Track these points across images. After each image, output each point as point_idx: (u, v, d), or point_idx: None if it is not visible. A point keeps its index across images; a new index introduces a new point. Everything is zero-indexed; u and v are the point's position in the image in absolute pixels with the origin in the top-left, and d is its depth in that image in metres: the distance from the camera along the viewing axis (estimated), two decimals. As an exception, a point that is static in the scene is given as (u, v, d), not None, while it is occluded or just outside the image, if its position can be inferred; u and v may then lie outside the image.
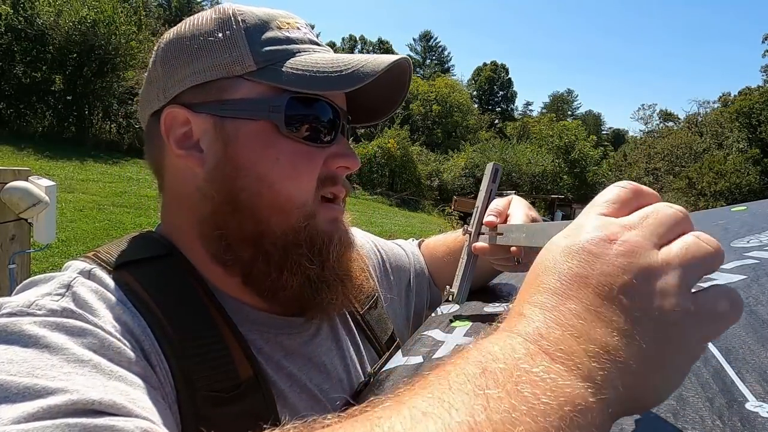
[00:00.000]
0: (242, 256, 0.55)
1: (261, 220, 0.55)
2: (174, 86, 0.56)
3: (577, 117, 56.37)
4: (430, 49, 57.47)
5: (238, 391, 0.50)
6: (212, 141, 0.55)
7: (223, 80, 0.54)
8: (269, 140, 0.54)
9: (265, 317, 0.59)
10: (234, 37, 0.54)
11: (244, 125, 0.54)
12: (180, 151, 0.55)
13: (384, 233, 11.36)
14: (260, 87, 0.54)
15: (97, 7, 16.23)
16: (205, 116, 0.55)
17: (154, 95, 0.58)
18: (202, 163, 0.55)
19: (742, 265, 0.68)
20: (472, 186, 27.39)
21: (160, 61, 0.57)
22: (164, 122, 0.56)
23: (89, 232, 7.18)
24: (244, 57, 0.54)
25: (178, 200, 0.59)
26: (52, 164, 11.80)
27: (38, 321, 0.41)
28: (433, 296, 0.90)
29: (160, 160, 0.60)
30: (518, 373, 0.29)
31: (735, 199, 24.90)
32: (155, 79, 0.58)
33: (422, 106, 35.38)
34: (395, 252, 0.89)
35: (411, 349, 0.67)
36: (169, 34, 0.59)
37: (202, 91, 0.55)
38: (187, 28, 0.57)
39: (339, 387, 0.62)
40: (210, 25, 0.56)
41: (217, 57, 0.54)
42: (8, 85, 15.81)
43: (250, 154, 0.54)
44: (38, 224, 2.67)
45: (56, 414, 0.33)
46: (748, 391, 0.40)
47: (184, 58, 0.55)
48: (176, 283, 0.54)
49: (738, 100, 31.79)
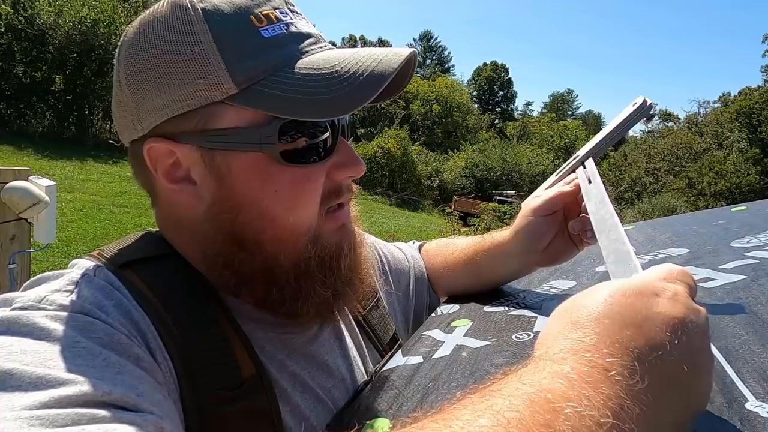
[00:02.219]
0: (255, 290, 0.55)
1: (268, 256, 0.53)
2: (148, 116, 0.50)
3: (577, 117, 56.41)
4: (430, 49, 57.46)
5: (241, 389, 0.50)
6: (204, 174, 0.51)
7: (203, 108, 0.48)
8: (265, 172, 0.50)
9: (269, 317, 0.59)
10: (205, 53, 0.46)
11: (234, 158, 0.49)
12: (173, 186, 0.52)
13: (384, 233, 11.35)
14: (247, 113, 0.48)
15: (97, 7, 16.23)
16: (191, 147, 0.50)
17: (128, 122, 0.52)
18: (198, 198, 0.52)
19: (742, 265, 0.68)
20: (472, 186, 27.42)
21: (127, 83, 0.51)
22: (148, 157, 0.51)
23: (89, 231, 7.18)
24: (221, 79, 0.46)
25: (177, 225, 0.57)
26: (52, 164, 11.80)
27: (50, 315, 0.42)
28: (432, 299, 0.91)
29: (151, 186, 0.57)
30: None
31: (735, 199, 24.87)
32: (124, 103, 0.52)
33: (422, 106, 35.36)
34: (395, 255, 0.89)
35: (411, 349, 0.67)
36: (129, 42, 0.51)
37: (181, 120, 0.49)
38: (146, 41, 0.49)
39: (342, 386, 0.62)
40: (171, 35, 0.47)
41: (190, 83, 0.47)
42: (8, 85, 15.80)
43: (246, 190, 0.50)
44: (38, 224, 2.67)
45: (67, 404, 0.34)
46: (748, 391, 0.40)
47: (152, 83, 0.48)
48: (180, 282, 0.54)
49: (738, 100, 31.77)
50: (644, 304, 0.35)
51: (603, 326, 0.34)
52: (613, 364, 0.31)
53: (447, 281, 0.90)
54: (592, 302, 0.36)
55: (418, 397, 0.53)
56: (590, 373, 0.31)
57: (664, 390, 0.32)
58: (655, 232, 0.98)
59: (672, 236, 0.93)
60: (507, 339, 0.62)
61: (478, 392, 0.32)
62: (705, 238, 0.88)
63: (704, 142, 31.06)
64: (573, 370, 0.31)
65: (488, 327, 0.69)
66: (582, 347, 0.33)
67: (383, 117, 31.22)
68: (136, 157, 0.54)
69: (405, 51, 0.50)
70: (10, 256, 2.58)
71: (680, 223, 1.06)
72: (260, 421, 0.50)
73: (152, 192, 0.58)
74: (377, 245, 0.87)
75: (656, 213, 20.97)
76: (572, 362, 0.32)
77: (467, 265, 0.85)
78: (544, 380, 0.31)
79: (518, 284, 0.87)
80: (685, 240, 0.88)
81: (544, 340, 0.37)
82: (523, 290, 0.83)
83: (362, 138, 28.43)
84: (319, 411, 0.57)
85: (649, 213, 21.62)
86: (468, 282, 0.87)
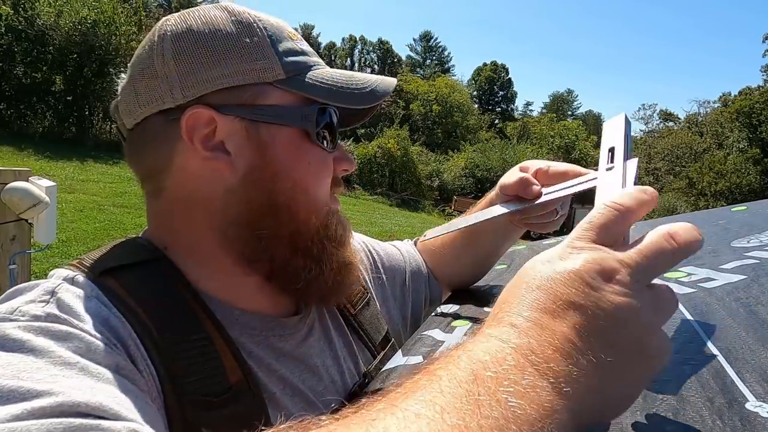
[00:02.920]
0: (278, 254, 0.57)
1: (298, 220, 0.57)
2: (196, 86, 0.53)
3: (577, 117, 56.39)
4: (430, 49, 57.47)
5: (228, 395, 0.49)
6: (242, 144, 0.55)
7: (253, 86, 0.55)
8: (302, 147, 0.57)
9: (256, 320, 0.59)
10: (261, 44, 0.55)
11: (278, 131, 0.56)
12: (208, 153, 0.54)
13: (384, 233, 11.36)
14: (289, 95, 0.56)
15: (97, 8, 16.25)
16: (233, 119, 0.54)
17: (162, 91, 0.54)
18: (231, 166, 0.55)
19: (742, 265, 0.68)
20: (472, 186, 27.41)
21: (172, 57, 0.54)
22: (186, 124, 0.53)
23: (89, 232, 7.19)
24: (273, 65, 0.55)
25: (190, 203, 0.57)
26: (53, 165, 11.81)
27: (22, 326, 0.41)
28: (433, 293, 0.90)
29: (163, 162, 0.56)
30: (506, 383, 0.31)
31: (735, 199, 24.90)
32: (163, 74, 0.54)
33: (422, 106, 35.39)
34: (388, 252, 0.89)
35: (411, 349, 0.67)
36: (173, 26, 0.56)
37: (231, 93, 0.54)
38: (199, 26, 0.55)
39: (332, 388, 0.62)
40: (230, 28, 0.55)
41: (247, 62, 0.54)
42: (8, 86, 15.83)
43: (286, 159, 0.56)
44: (38, 225, 2.67)
45: (41, 415, 0.33)
46: (748, 391, 0.40)
47: (208, 58, 0.54)
48: (163, 288, 0.53)
49: (738, 100, 31.79)
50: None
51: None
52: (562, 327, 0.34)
53: (449, 261, 0.89)
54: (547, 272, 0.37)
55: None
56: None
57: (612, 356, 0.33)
58: (655, 232, 0.98)
59: (672, 236, 0.93)
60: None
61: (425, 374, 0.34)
62: (705, 238, 0.88)
63: (704, 142, 31.07)
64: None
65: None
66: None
67: (383, 117, 31.24)
68: (152, 129, 0.56)
69: (393, 80, 0.63)
70: (10, 256, 2.59)
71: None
72: (248, 427, 0.50)
73: (162, 170, 0.57)
74: (369, 244, 0.87)
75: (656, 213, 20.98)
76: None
77: (464, 235, 0.85)
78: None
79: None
80: (685, 240, 0.88)
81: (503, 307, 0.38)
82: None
83: (362, 138, 28.44)
84: (310, 414, 0.57)
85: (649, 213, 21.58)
86: (468, 255, 0.87)
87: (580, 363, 0.33)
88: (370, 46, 51.87)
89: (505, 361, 0.32)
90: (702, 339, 0.50)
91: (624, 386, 0.34)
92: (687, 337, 0.51)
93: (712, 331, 0.52)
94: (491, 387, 0.31)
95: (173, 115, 0.54)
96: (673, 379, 0.44)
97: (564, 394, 0.31)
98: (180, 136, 0.54)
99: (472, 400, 0.30)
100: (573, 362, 0.32)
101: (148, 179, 0.59)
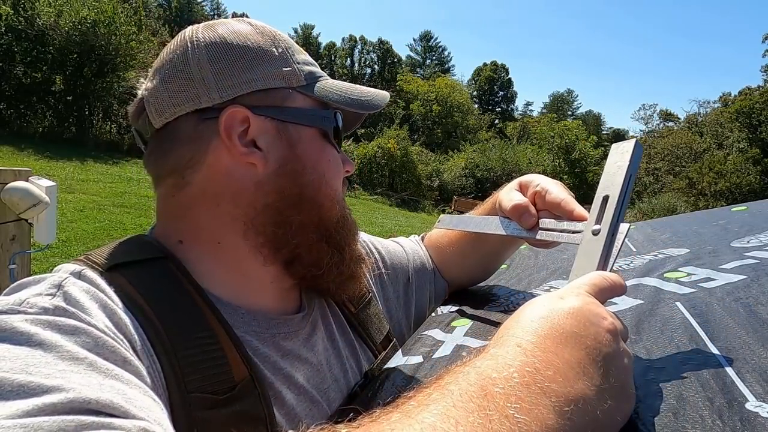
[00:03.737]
0: (304, 240, 0.62)
1: (322, 209, 0.62)
2: (232, 88, 0.58)
3: (577, 117, 56.35)
4: (430, 49, 57.47)
5: (233, 392, 0.49)
6: (273, 141, 0.60)
7: (280, 90, 0.60)
8: (323, 145, 0.63)
9: (262, 319, 0.59)
10: (285, 54, 0.62)
11: (304, 130, 0.62)
12: (244, 149, 0.58)
13: (384, 233, 11.35)
14: (309, 100, 0.62)
15: (97, 8, 16.22)
16: (265, 119, 0.59)
17: (198, 92, 0.58)
18: (264, 161, 0.59)
19: (742, 265, 0.68)
20: (472, 186, 27.42)
21: (207, 61, 0.58)
22: (224, 122, 0.57)
23: (90, 232, 7.19)
24: (297, 72, 0.61)
25: (218, 197, 0.59)
26: (53, 164, 11.80)
27: (30, 319, 0.40)
28: (437, 290, 0.90)
29: (193, 158, 0.58)
30: (513, 399, 0.34)
31: (735, 199, 24.90)
32: (200, 77, 0.58)
33: (422, 106, 35.39)
34: (391, 249, 0.89)
35: (411, 349, 0.67)
36: (204, 34, 0.60)
37: (264, 95, 0.59)
38: (230, 35, 0.60)
39: (336, 387, 0.63)
40: (258, 38, 0.61)
41: (277, 68, 0.60)
42: (8, 86, 15.81)
43: (312, 155, 0.62)
44: (38, 224, 2.67)
45: (52, 412, 0.32)
46: (748, 391, 0.40)
47: (242, 63, 0.59)
48: (169, 286, 0.53)
49: (738, 100, 31.79)
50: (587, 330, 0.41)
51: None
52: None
53: (455, 258, 0.90)
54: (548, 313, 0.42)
55: (419, 397, 0.53)
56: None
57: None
58: (655, 232, 0.99)
59: (672, 236, 0.93)
60: (507, 339, 0.62)
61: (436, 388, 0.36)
62: (705, 238, 0.88)
63: (704, 142, 31.09)
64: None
65: (488, 327, 0.69)
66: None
67: (383, 117, 31.24)
68: (186, 129, 0.59)
69: (387, 95, 0.69)
70: (10, 256, 2.58)
71: (680, 223, 1.06)
72: (254, 424, 0.50)
73: (190, 166, 0.59)
74: (371, 242, 0.88)
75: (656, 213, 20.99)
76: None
77: (473, 236, 0.85)
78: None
79: (518, 284, 0.87)
80: (685, 240, 0.88)
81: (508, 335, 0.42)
82: (523, 290, 0.83)
83: (362, 138, 28.43)
84: (315, 413, 0.57)
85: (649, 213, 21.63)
86: (475, 253, 0.87)
87: (578, 387, 0.36)
88: (370, 46, 51.80)
89: (512, 379, 0.35)
90: (702, 339, 0.50)
91: (612, 416, 0.37)
92: (687, 337, 0.51)
93: (712, 331, 0.52)
94: (500, 403, 0.33)
95: (208, 115, 0.58)
96: (673, 379, 0.44)
97: (563, 413, 0.34)
98: (215, 134, 0.58)
99: (483, 414, 0.33)
100: (572, 385, 0.36)
101: (170, 176, 0.60)
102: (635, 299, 0.65)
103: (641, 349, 0.51)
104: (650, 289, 0.67)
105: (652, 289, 0.67)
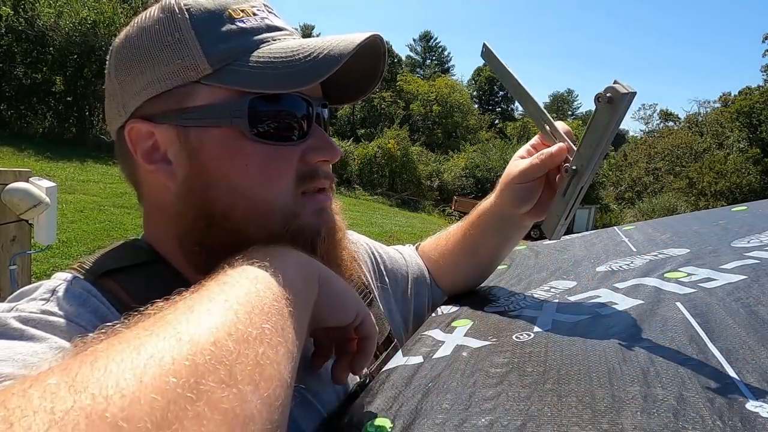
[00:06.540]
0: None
1: (240, 230, 0.52)
2: (131, 100, 0.53)
3: (577, 117, 56.32)
4: (430, 50, 57.43)
5: None
6: (178, 152, 0.53)
7: (180, 88, 0.51)
8: (235, 147, 0.51)
9: None
10: (184, 38, 0.50)
11: (207, 134, 0.51)
12: (150, 165, 0.53)
13: (384, 233, 11.34)
14: (220, 91, 0.51)
15: (97, 9, 16.23)
16: (167, 127, 0.52)
17: (115, 111, 0.55)
18: (172, 177, 0.53)
19: (742, 265, 0.68)
20: (472, 186, 27.39)
21: (115, 73, 0.54)
22: (129, 138, 0.53)
23: (90, 233, 7.18)
24: (197, 60, 0.50)
25: (156, 212, 0.58)
26: (53, 165, 11.80)
27: (23, 318, 0.43)
28: (435, 298, 0.91)
29: (134, 174, 0.58)
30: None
31: (735, 198, 24.89)
32: (113, 93, 0.55)
33: (422, 106, 35.34)
34: (391, 256, 0.89)
35: (411, 349, 0.67)
36: (120, 38, 0.55)
37: (160, 101, 0.52)
38: (134, 32, 0.53)
39: (331, 389, 0.62)
40: (156, 26, 0.52)
41: (169, 64, 0.50)
42: (9, 87, 15.82)
43: (218, 164, 0.52)
44: (39, 225, 2.67)
45: None
46: (748, 391, 0.40)
47: (136, 68, 0.52)
48: (161, 289, 0.53)
49: (738, 100, 31.78)
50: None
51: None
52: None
53: (448, 270, 0.90)
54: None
55: (419, 397, 0.53)
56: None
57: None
58: (655, 232, 0.99)
59: (672, 236, 0.93)
60: (507, 339, 0.63)
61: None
62: (705, 238, 0.88)
63: (704, 142, 31.08)
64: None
65: (488, 327, 0.69)
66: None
67: (383, 117, 31.24)
68: (120, 145, 0.56)
69: (366, 34, 0.52)
70: (10, 257, 2.58)
71: (681, 223, 1.06)
72: None
73: (136, 181, 0.58)
74: (373, 246, 0.88)
75: (656, 213, 20.98)
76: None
77: (463, 245, 0.86)
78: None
79: (518, 285, 0.87)
80: (686, 240, 0.88)
81: None
82: (523, 291, 0.83)
83: (362, 138, 28.42)
84: (307, 414, 0.57)
85: (649, 213, 21.62)
86: (468, 264, 0.87)
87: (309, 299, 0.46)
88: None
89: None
90: (702, 339, 0.50)
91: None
92: (687, 337, 0.51)
93: (712, 331, 0.52)
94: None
95: (123, 131, 0.55)
96: (674, 378, 0.44)
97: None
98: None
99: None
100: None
101: (133, 188, 0.60)
102: (635, 299, 0.65)
103: (641, 349, 0.51)
104: (650, 289, 0.67)
105: (652, 289, 0.67)
